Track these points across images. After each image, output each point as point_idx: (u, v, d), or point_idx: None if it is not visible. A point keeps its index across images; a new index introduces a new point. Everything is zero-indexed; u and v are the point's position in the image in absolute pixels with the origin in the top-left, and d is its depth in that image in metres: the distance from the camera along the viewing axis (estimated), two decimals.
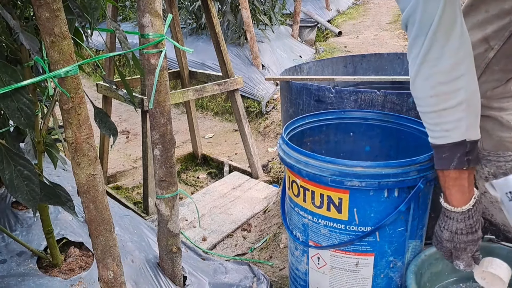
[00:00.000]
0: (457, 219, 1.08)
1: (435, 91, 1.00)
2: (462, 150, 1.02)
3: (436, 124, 1.03)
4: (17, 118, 0.86)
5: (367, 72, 2.26)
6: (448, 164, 1.04)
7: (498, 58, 1.17)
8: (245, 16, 4.19)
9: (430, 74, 0.99)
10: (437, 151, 1.06)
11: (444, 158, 1.04)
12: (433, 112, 1.02)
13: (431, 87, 1.00)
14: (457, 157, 1.02)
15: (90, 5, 1.03)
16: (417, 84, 1.03)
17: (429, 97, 1.01)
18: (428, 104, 1.03)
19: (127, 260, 1.29)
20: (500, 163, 1.27)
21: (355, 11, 7.98)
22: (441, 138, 1.03)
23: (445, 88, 0.99)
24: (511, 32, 1.13)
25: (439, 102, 1.00)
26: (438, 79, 0.99)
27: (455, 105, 0.99)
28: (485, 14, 1.15)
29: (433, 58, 0.97)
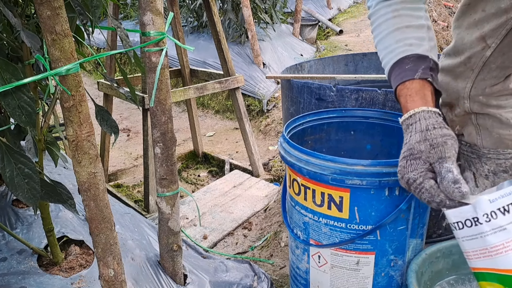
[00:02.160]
0: (425, 117, 0.95)
1: (399, 12, 1.07)
2: (426, 64, 1.02)
3: (399, 40, 1.07)
4: (18, 116, 0.86)
5: (368, 71, 2.26)
6: (412, 74, 1.01)
7: (496, 56, 1.17)
8: (246, 15, 4.19)
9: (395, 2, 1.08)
10: (399, 66, 1.05)
11: (407, 69, 1.03)
12: (396, 29, 1.08)
13: (395, 9, 1.08)
14: (421, 68, 1.01)
15: (92, 3, 1.03)
16: (381, 11, 1.10)
17: (393, 18, 1.08)
18: (391, 25, 1.08)
19: (128, 258, 1.30)
20: (500, 161, 1.27)
21: (356, 10, 7.96)
22: (404, 52, 1.05)
23: (408, 11, 1.07)
24: (508, 31, 1.13)
25: (402, 21, 1.07)
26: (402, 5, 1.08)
27: (418, 26, 1.06)
28: (482, 13, 1.15)
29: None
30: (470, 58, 1.20)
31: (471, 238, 0.90)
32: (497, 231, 0.86)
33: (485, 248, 0.88)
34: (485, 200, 0.86)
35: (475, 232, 0.88)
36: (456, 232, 0.92)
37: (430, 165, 0.91)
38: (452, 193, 0.86)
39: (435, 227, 1.69)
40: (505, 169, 1.26)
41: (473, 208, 0.87)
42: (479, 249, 0.89)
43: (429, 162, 0.90)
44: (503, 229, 0.86)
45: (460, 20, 1.22)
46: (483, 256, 0.89)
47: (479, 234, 0.88)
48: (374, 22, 1.14)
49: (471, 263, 0.94)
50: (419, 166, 0.91)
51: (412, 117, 0.96)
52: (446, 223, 1.69)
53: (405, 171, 0.93)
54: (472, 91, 1.22)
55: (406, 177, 0.93)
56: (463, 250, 0.94)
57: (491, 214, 0.86)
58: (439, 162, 0.89)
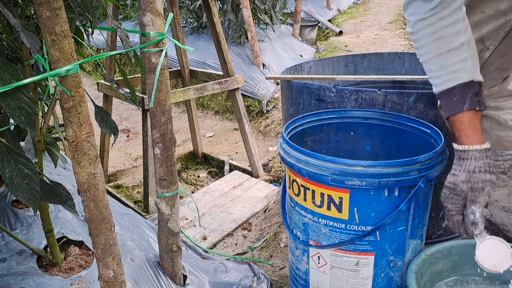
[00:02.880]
0: (475, 157, 1.05)
1: (439, 35, 1.07)
2: (473, 90, 1.05)
3: (443, 67, 1.08)
4: (18, 116, 0.86)
5: (367, 72, 2.26)
6: (461, 106, 1.06)
7: (494, 58, 1.18)
8: (246, 15, 4.19)
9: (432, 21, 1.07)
10: (448, 96, 1.08)
11: (456, 101, 1.06)
12: (438, 55, 1.08)
13: (434, 31, 1.07)
14: (468, 98, 1.05)
15: (91, 3, 1.03)
16: (420, 33, 1.10)
17: (435, 41, 1.08)
18: (432, 50, 1.09)
19: (127, 259, 1.29)
20: (498, 162, 1.27)
21: (356, 11, 7.97)
22: (450, 81, 1.07)
23: (448, 31, 1.06)
24: (506, 33, 1.14)
25: (443, 44, 1.07)
26: (440, 23, 1.06)
27: (459, 46, 1.06)
28: (481, 15, 1.16)
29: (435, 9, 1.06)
30: None
31: None
32: None
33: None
34: None
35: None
36: None
37: (465, 201, 1.07)
38: (468, 230, 1.07)
39: (435, 228, 1.69)
40: (504, 171, 1.26)
41: None
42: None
43: (465, 199, 1.07)
44: None
45: None
46: None
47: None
48: (415, 42, 1.14)
49: None
50: (457, 201, 1.08)
51: (465, 152, 1.07)
52: (446, 224, 1.69)
53: (446, 200, 1.10)
54: None
55: (445, 205, 1.11)
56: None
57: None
58: (470, 203, 1.06)
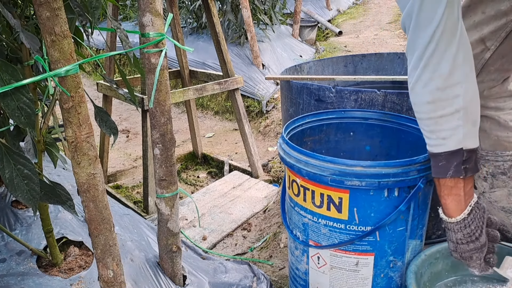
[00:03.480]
0: (454, 230, 1.07)
1: (433, 97, 0.98)
2: (459, 159, 1.00)
3: (432, 131, 1.02)
4: (17, 117, 0.86)
5: (367, 72, 2.26)
6: (444, 173, 1.02)
7: (494, 58, 1.18)
8: (245, 16, 4.19)
9: (429, 79, 0.97)
10: (434, 159, 1.04)
11: (440, 167, 1.03)
12: (429, 118, 1.01)
13: (429, 92, 0.98)
14: (453, 166, 1.01)
15: (91, 4, 1.03)
16: (416, 90, 1.01)
17: (426, 103, 1.00)
18: (425, 111, 1.01)
19: (127, 259, 1.29)
20: (498, 163, 1.27)
21: (355, 11, 7.98)
22: (438, 146, 1.02)
23: (442, 94, 0.97)
24: (507, 33, 1.13)
25: (436, 108, 0.99)
26: (436, 84, 0.97)
27: (452, 113, 0.98)
28: (481, 15, 1.15)
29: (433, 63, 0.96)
30: None
31: None
32: None
33: None
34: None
35: None
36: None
37: None
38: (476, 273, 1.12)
39: (435, 228, 1.69)
40: (504, 171, 1.26)
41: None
42: None
43: None
44: None
45: None
46: None
47: None
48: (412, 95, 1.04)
49: None
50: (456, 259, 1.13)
51: (446, 223, 1.09)
52: None
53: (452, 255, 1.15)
54: None
55: None
56: None
57: None
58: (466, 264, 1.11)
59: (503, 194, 1.29)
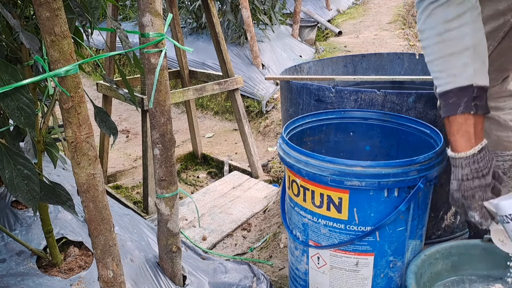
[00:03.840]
0: (462, 165, 1.05)
1: (442, 37, 1.03)
2: (469, 95, 1.03)
3: (442, 70, 1.05)
4: (17, 117, 0.86)
5: (367, 72, 2.26)
6: (455, 109, 1.04)
7: (493, 58, 1.18)
8: (245, 16, 4.19)
9: (438, 22, 1.03)
10: (444, 98, 1.06)
11: (451, 104, 1.04)
12: (440, 58, 1.05)
13: (438, 33, 1.04)
14: (464, 102, 1.03)
15: (91, 4, 1.03)
16: (426, 32, 1.07)
17: (437, 43, 1.05)
18: (435, 51, 1.06)
19: (127, 260, 1.29)
20: (498, 163, 1.27)
21: (355, 11, 7.97)
22: (448, 83, 1.05)
23: (451, 34, 1.02)
24: (505, 33, 1.14)
25: (445, 47, 1.04)
26: (445, 26, 1.02)
27: (461, 51, 1.02)
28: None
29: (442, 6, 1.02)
30: None
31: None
32: None
33: None
34: None
35: None
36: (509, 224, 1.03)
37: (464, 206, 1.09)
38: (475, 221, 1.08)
39: (434, 228, 1.69)
40: (504, 171, 1.26)
41: None
42: None
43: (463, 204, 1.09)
44: None
45: None
46: None
47: None
48: (421, 41, 1.11)
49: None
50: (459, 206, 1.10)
51: (453, 160, 1.07)
52: (446, 224, 1.69)
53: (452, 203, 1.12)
54: None
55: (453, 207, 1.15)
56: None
57: None
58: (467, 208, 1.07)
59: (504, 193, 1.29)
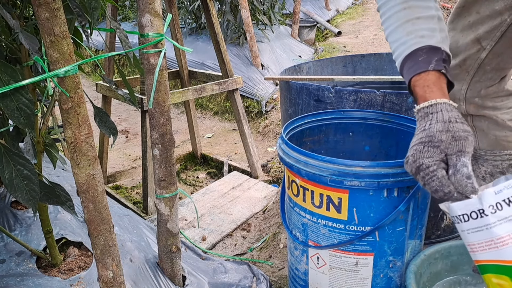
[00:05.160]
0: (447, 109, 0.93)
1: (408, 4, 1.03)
2: (439, 55, 0.98)
3: (410, 32, 1.02)
4: (17, 117, 0.86)
5: (366, 72, 2.26)
6: (426, 66, 0.97)
7: (490, 58, 1.18)
8: (244, 16, 4.19)
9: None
10: (413, 57, 1.00)
11: (421, 61, 0.99)
12: (406, 21, 1.03)
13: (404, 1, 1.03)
14: (435, 60, 0.97)
15: (90, 4, 1.03)
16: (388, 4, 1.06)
17: (402, 10, 1.03)
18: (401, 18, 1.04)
19: (127, 260, 1.29)
20: (496, 162, 1.27)
21: (354, 11, 7.98)
22: (416, 44, 1.00)
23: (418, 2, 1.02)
24: (502, 33, 1.14)
25: (412, 12, 1.02)
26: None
27: (428, 17, 1.02)
28: (476, 15, 1.16)
29: None
30: (465, 61, 1.21)
31: (477, 230, 0.89)
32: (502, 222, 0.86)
33: (491, 240, 0.88)
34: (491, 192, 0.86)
35: (481, 224, 0.88)
36: (460, 225, 0.92)
37: (445, 156, 0.89)
38: (464, 187, 0.87)
39: (434, 228, 1.69)
40: (502, 171, 1.27)
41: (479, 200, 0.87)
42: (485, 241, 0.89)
43: (445, 153, 0.89)
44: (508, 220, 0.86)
45: (455, 22, 1.22)
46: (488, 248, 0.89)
47: (484, 226, 0.88)
48: (384, 14, 1.09)
49: (475, 256, 0.93)
50: (435, 154, 0.89)
51: (433, 106, 0.93)
52: (445, 224, 1.69)
53: (420, 156, 0.90)
54: (468, 93, 1.23)
55: (420, 162, 0.90)
56: (467, 243, 0.93)
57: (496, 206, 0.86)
58: (457, 155, 0.88)
59: None
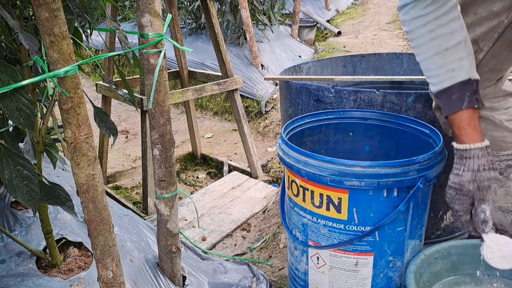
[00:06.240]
0: (478, 156, 1.06)
1: (436, 33, 1.07)
2: (471, 88, 1.06)
3: (441, 66, 1.08)
4: (16, 118, 0.86)
5: (366, 72, 2.26)
6: (460, 105, 1.06)
7: (488, 59, 1.18)
8: (244, 16, 4.19)
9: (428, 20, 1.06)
10: (447, 95, 1.09)
11: (455, 100, 1.07)
12: (436, 54, 1.08)
13: (431, 30, 1.07)
14: (467, 96, 1.06)
15: (90, 5, 1.02)
16: (416, 32, 1.10)
17: (431, 40, 1.08)
18: (429, 48, 1.08)
19: (127, 260, 1.29)
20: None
21: (354, 11, 7.98)
22: (449, 79, 1.07)
23: (444, 30, 1.06)
24: (499, 34, 1.14)
25: (440, 43, 1.07)
26: (437, 22, 1.06)
27: (455, 44, 1.06)
28: (474, 17, 1.16)
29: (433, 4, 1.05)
30: None
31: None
32: None
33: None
34: None
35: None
36: None
37: (472, 200, 1.08)
38: (478, 229, 1.09)
39: (434, 228, 1.69)
40: (500, 171, 1.27)
41: None
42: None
43: (472, 198, 1.08)
44: None
45: None
46: None
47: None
48: (412, 41, 1.13)
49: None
50: (464, 201, 1.09)
51: (468, 151, 1.07)
52: (445, 224, 1.69)
53: (453, 201, 1.11)
54: None
55: (452, 206, 1.11)
56: None
57: None
58: (479, 202, 1.07)
59: (501, 194, 1.30)
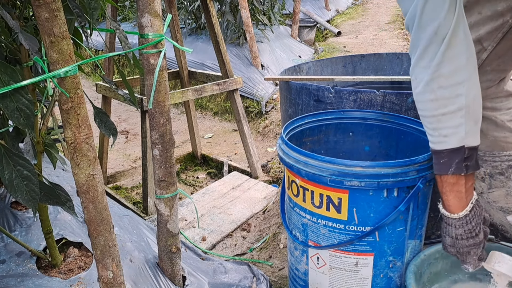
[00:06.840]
0: (455, 225, 1.08)
1: (435, 95, 0.99)
2: (460, 156, 1.01)
3: (435, 129, 1.03)
4: (16, 118, 0.86)
5: (366, 72, 2.26)
6: (446, 170, 1.04)
7: (491, 59, 1.18)
8: (244, 16, 4.19)
9: (432, 78, 0.98)
10: (436, 156, 1.06)
11: (442, 164, 1.04)
12: (432, 116, 1.02)
13: (432, 90, 0.99)
14: (455, 163, 1.02)
15: (90, 5, 1.02)
16: (418, 88, 1.02)
17: (429, 101, 1.01)
18: (428, 108, 1.02)
19: (127, 260, 1.29)
20: (495, 163, 1.27)
21: (354, 11, 7.98)
22: (440, 143, 1.03)
23: (445, 93, 0.98)
24: (503, 34, 1.14)
25: (438, 106, 1.00)
26: (439, 83, 0.98)
27: (454, 111, 0.99)
28: (478, 16, 1.15)
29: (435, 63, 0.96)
30: None
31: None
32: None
33: None
34: None
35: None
36: None
37: None
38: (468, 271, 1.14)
39: (434, 228, 1.69)
40: (501, 171, 1.27)
41: None
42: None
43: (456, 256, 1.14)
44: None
45: None
46: None
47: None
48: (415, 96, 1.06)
49: None
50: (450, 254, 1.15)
51: (446, 218, 1.10)
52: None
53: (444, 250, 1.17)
54: None
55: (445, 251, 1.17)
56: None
57: None
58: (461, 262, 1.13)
59: (501, 194, 1.30)
